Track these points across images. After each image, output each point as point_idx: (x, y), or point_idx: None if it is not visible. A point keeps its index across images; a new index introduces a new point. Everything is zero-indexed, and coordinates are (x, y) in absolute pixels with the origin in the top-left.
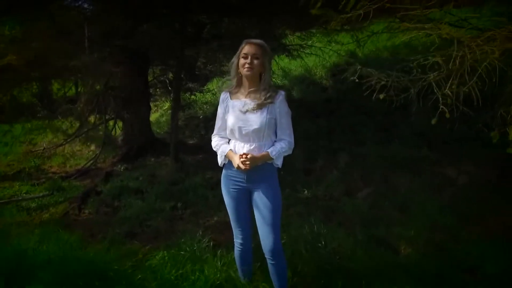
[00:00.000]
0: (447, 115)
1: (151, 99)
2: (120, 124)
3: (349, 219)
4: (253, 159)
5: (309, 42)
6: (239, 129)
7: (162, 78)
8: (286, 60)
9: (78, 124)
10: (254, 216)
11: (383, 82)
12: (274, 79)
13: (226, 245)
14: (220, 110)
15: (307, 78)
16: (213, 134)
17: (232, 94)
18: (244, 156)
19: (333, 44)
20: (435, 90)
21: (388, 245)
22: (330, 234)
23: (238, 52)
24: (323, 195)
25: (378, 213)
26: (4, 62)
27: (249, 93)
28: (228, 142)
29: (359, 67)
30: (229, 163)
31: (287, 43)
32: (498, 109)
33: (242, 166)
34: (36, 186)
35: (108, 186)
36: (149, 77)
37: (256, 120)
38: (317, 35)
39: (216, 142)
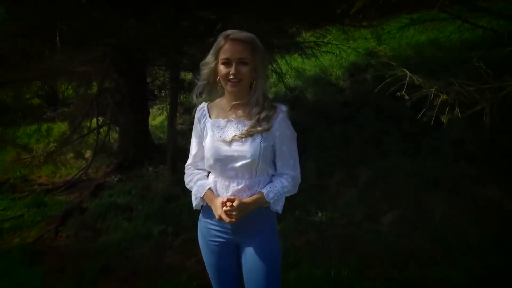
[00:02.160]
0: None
1: (156, 102)
2: (117, 129)
3: (372, 254)
4: (241, 206)
5: (325, 40)
6: (222, 162)
7: (164, 79)
8: (300, 59)
9: (70, 130)
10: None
11: (443, 97)
12: (286, 80)
13: None
14: (195, 132)
15: (323, 79)
16: (186, 164)
17: (211, 109)
18: (228, 203)
19: (351, 42)
20: None
21: None
22: (350, 277)
23: (214, 51)
24: (340, 219)
25: (408, 245)
26: None
27: (234, 107)
28: (208, 177)
29: (399, 70)
30: (208, 206)
31: (301, 40)
32: None
33: (225, 219)
34: (16, 201)
35: (94, 202)
36: (150, 78)
37: (245, 149)
38: (334, 31)
39: (190, 176)
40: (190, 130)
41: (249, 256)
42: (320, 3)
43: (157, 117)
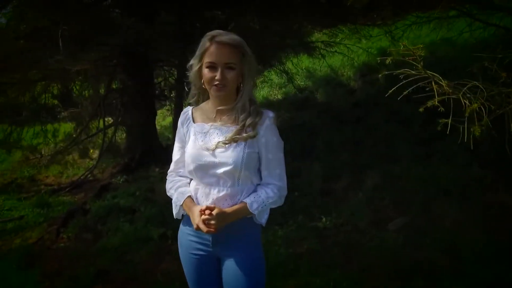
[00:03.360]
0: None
1: (167, 103)
2: (125, 130)
3: (377, 264)
4: (221, 216)
5: (337, 40)
6: (202, 168)
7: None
8: (310, 59)
9: (77, 130)
10: None
11: (475, 105)
12: (296, 80)
13: None
14: (178, 137)
15: (334, 79)
16: (169, 170)
17: (195, 112)
18: (207, 212)
19: (364, 41)
20: None
21: None
22: None
23: (199, 54)
24: (344, 225)
25: (415, 254)
26: None
27: (219, 112)
28: (189, 184)
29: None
30: (188, 216)
31: (311, 40)
32: None
33: (203, 228)
34: (22, 201)
35: (98, 204)
36: (158, 79)
37: (228, 157)
38: (346, 31)
39: (171, 184)
40: None
41: (230, 271)
42: (333, 2)
43: (166, 118)
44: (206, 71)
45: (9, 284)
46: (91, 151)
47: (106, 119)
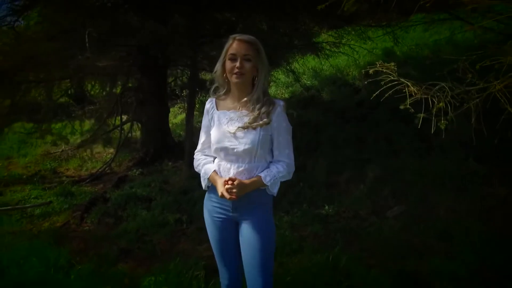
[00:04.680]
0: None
1: (178, 101)
2: (140, 126)
3: (375, 245)
4: (241, 186)
5: (343, 41)
6: (225, 148)
7: (185, 79)
8: (317, 59)
9: (97, 126)
10: None
11: (440, 104)
12: (303, 79)
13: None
14: (204, 123)
15: (339, 79)
16: (196, 150)
17: (218, 102)
18: (230, 182)
19: (369, 42)
20: (504, 104)
21: (419, 284)
22: (347, 265)
23: (223, 52)
24: (346, 213)
25: (410, 239)
26: None
27: (239, 103)
28: (214, 162)
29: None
30: (213, 188)
31: (317, 41)
32: None
33: (226, 195)
34: (46, 191)
35: (117, 193)
36: (170, 78)
37: (246, 137)
38: (351, 32)
39: (198, 161)
40: None
41: (247, 231)
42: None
43: (178, 116)
44: (228, 63)
45: (46, 258)
46: (107, 146)
47: (122, 116)
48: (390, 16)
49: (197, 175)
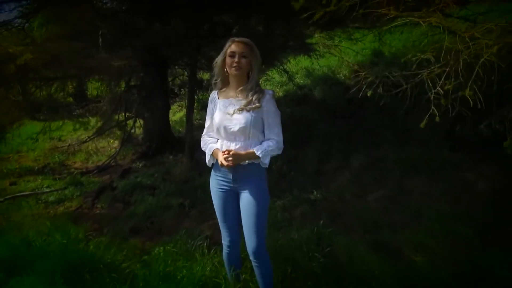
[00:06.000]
0: (437, 119)
1: (176, 99)
2: (142, 122)
3: (355, 222)
4: (236, 155)
5: (335, 42)
6: (225, 128)
7: (184, 78)
8: (309, 59)
9: (101, 122)
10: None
11: (370, 78)
12: (296, 79)
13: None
14: (208, 110)
15: (330, 78)
16: (202, 134)
17: (220, 93)
18: (226, 152)
19: (359, 43)
20: (428, 89)
21: (390, 251)
22: (330, 236)
23: (224, 50)
24: (332, 197)
25: (387, 217)
26: (21, 62)
27: (236, 92)
28: (216, 142)
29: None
30: (217, 165)
31: (309, 42)
32: (508, 114)
33: (224, 163)
34: (57, 181)
35: (123, 182)
36: (170, 77)
37: (241, 119)
38: (339, 33)
39: (204, 141)
40: None
41: (246, 198)
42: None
43: (176, 113)
44: (228, 59)
45: (68, 233)
46: (111, 141)
47: (126, 112)
48: (374, 19)
49: (198, 167)
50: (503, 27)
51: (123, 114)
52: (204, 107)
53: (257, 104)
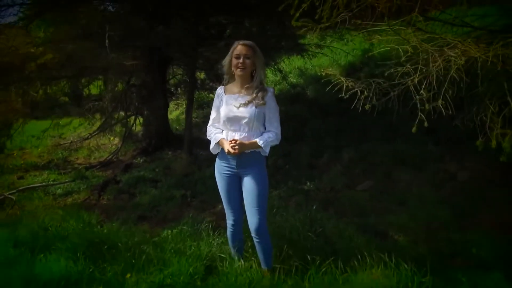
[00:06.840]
0: (425, 124)
1: (173, 98)
2: (142, 120)
3: (345, 209)
4: (241, 144)
5: (327, 43)
6: (231, 120)
7: (181, 77)
8: (302, 59)
9: (102, 120)
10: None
11: (365, 94)
12: (290, 78)
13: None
14: (215, 103)
15: (322, 77)
16: (208, 125)
17: (226, 89)
18: (233, 141)
19: (350, 44)
20: (413, 95)
21: (377, 232)
22: (322, 220)
23: (230, 52)
24: (324, 187)
25: (375, 204)
26: (42, 61)
27: (241, 89)
28: (222, 133)
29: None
30: (222, 153)
31: (302, 43)
32: (477, 114)
33: (231, 150)
34: (62, 175)
35: (126, 176)
36: (169, 76)
37: (246, 112)
38: (332, 35)
39: (210, 131)
40: (204, 122)
41: (248, 182)
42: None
43: (173, 112)
44: (234, 60)
45: (82, 218)
46: (112, 138)
47: (126, 110)
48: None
49: (197, 162)
50: (468, 42)
51: (124, 112)
52: (199, 105)
53: (262, 101)
